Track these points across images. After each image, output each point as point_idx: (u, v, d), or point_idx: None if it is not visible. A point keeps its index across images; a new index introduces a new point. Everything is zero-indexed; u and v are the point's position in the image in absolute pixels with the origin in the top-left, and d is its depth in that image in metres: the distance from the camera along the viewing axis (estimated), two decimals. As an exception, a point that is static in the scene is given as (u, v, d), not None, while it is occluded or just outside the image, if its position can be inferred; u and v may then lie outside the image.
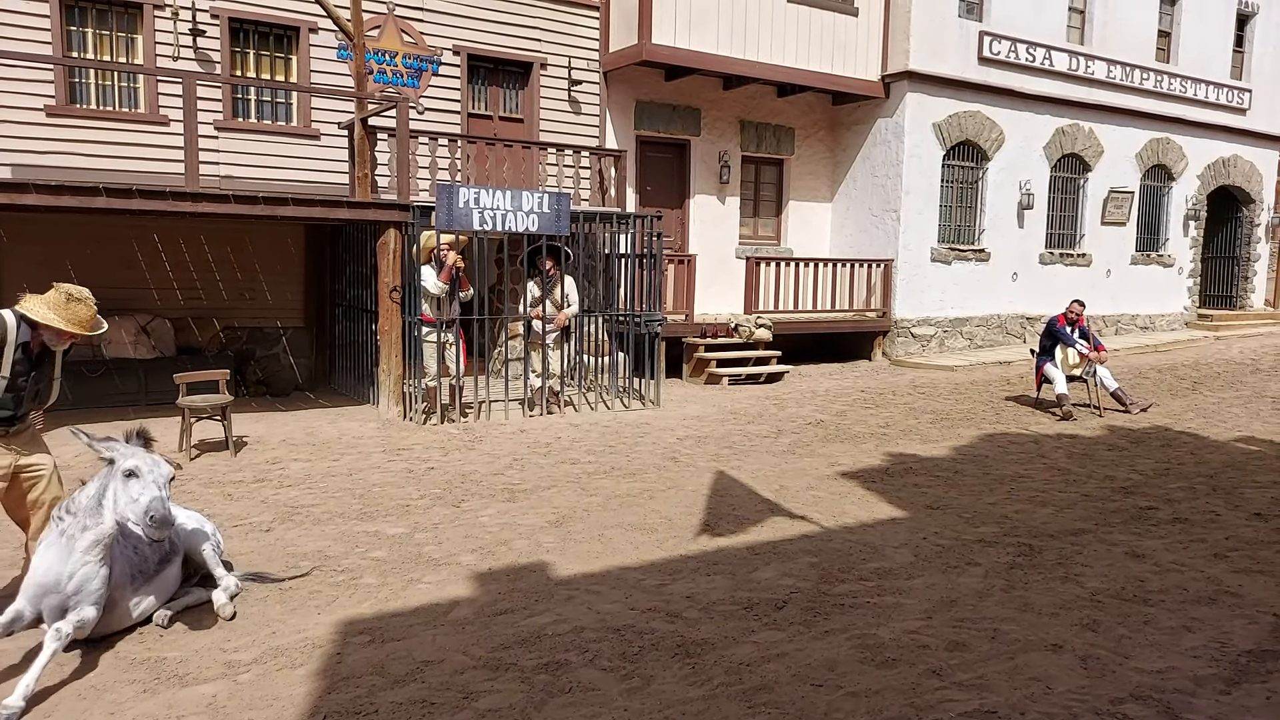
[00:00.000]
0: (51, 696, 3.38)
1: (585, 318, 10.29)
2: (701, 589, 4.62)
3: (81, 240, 9.88)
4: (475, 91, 12.22)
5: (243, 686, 3.49)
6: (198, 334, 10.62)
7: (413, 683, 3.54)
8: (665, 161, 13.73)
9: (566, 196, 9.49)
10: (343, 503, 6.13)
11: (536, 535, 5.50)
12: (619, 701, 3.41)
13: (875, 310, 14.20)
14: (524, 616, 4.24)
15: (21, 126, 9.48)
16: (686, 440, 8.41)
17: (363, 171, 9.48)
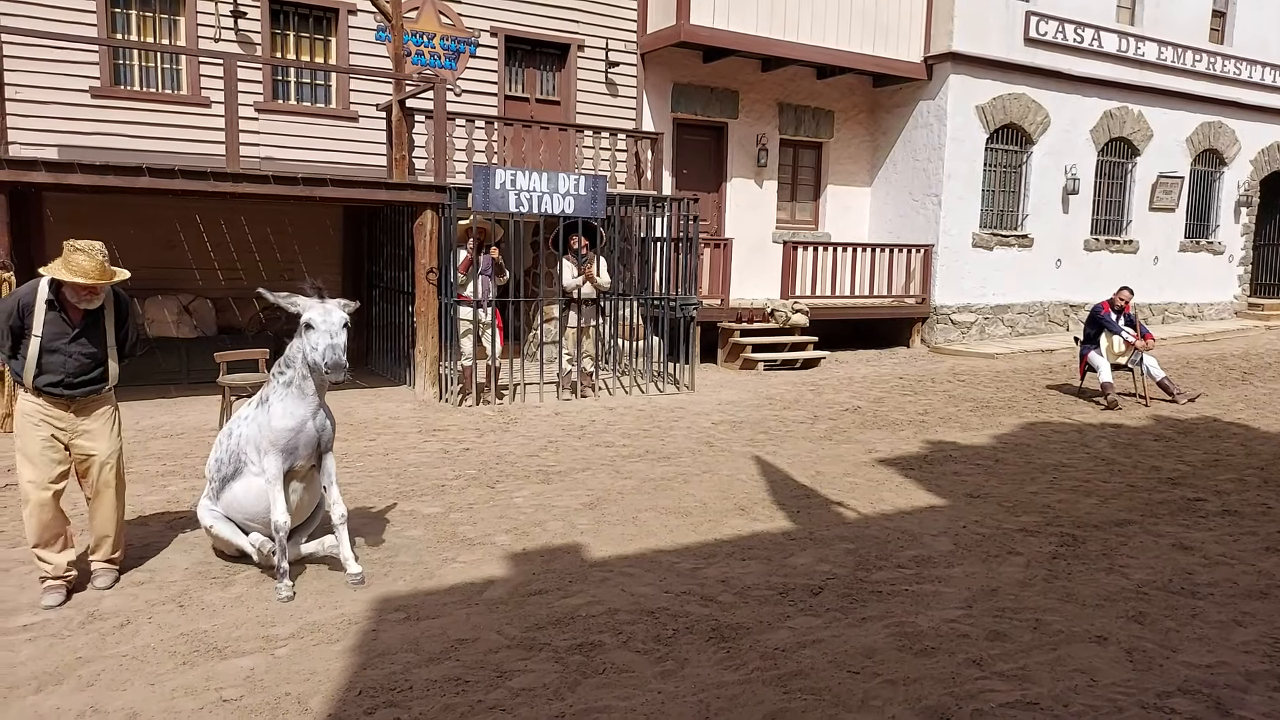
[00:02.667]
0: (93, 664, 3.43)
1: (619, 301, 10.25)
2: (736, 573, 4.58)
3: (125, 221, 10.02)
4: (512, 73, 12.18)
5: (280, 660, 3.51)
6: (238, 314, 10.75)
7: (447, 660, 3.55)
8: (702, 145, 13.61)
9: (603, 179, 9.44)
10: (379, 482, 6.17)
11: (571, 517, 5.49)
12: (653, 684, 3.38)
13: (914, 296, 14.00)
14: (558, 597, 4.23)
15: (67, 108, 9.62)
16: (721, 425, 8.35)
17: (400, 153, 9.50)
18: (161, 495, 5.70)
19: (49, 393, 4.10)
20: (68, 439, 4.18)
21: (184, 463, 6.52)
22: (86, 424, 4.23)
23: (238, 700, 3.19)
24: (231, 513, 4.43)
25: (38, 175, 7.45)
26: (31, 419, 4.12)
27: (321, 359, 4.14)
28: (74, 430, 4.19)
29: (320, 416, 4.41)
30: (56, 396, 4.12)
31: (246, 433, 4.37)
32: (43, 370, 4.08)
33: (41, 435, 4.11)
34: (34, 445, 4.10)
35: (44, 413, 4.12)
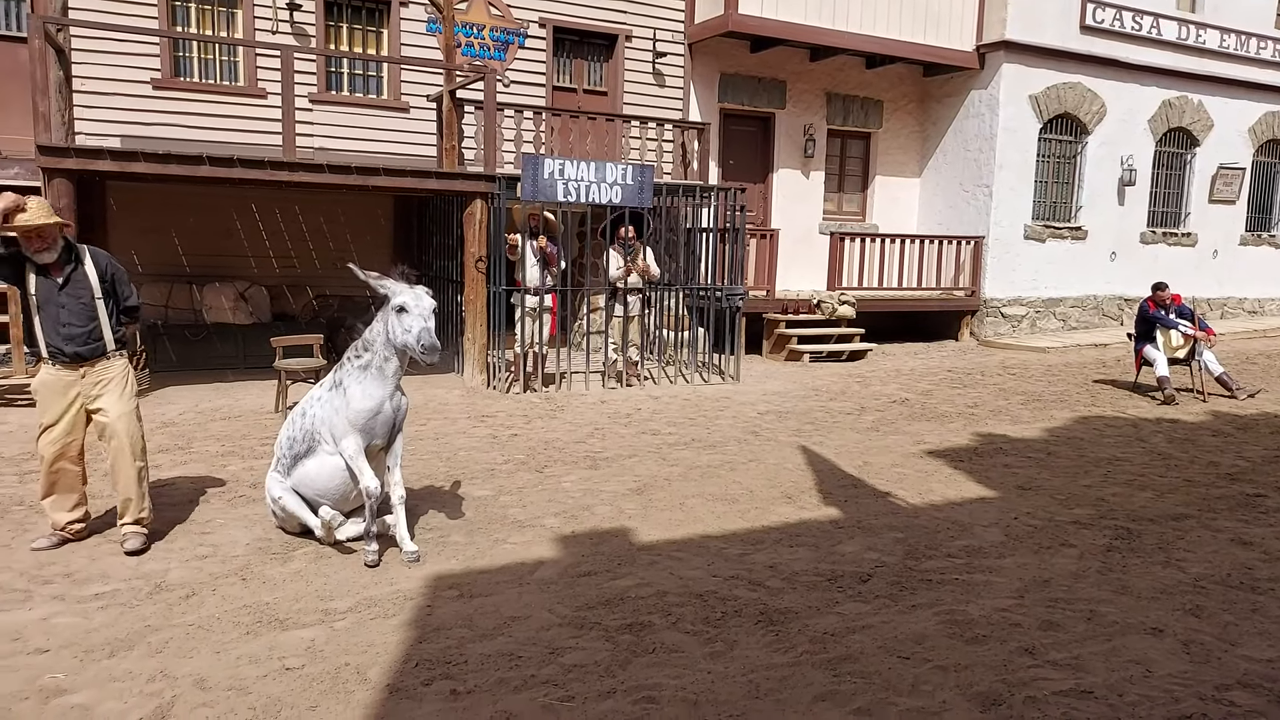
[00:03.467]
0: (161, 632, 3.55)
1: (665, 292, 10.27)
2: (784, 560, 4.59)
3: (184, 210, 10.30)
4: (560, 64, 12.25)
5: (339, 633, 3.61)
6: (292, 301, 10.98)
7: (500, 636, 3.61)
8: (749, 135, 13.56)
9: (650, 169, 9.47)
10: (431, 465, 6.28)
11: (618, 502, 5.53)
12: (703, 664, 3.41)
13: (964, 289, 13.82)
14: (607, 579, 4.28)
15: (130, 99, 9.89)
16: (767, 415, 8.34)
17: (450, 143, 9.61)
18: (221, 475, 5.86)
19: (58, 358, 4.40)
20: (83, 403, 4.45)
21: (242, 444, 6.69)
22: (97, 388, 4.48)
23: (300, 669, 3.29)
24: (301, 488, 4.55)
25: (103, 164, 7.68)
26: (49, 386, 4.44)
27: (416, 341, 4.24)
28: (87, 395, 4.46)
29: (396, 397, 4.53)
30: (66, 361, 4.41)
31: (321, 414, 4.48)
32: (46, 330, 4.39)
33: (57, 401, 4.41)
34: (51, 410, 4.42)
35: (60, 378, 4.42)
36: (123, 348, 4.62)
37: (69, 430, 4.44)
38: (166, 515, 5.01)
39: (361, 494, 4.42)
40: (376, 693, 3.14)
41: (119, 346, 4.59)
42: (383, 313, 4.45)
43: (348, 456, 4.40)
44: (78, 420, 4.47)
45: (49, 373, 4.44)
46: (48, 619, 3.66)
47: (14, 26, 9.62)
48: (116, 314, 4.60)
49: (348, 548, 4.56)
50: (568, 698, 3.14)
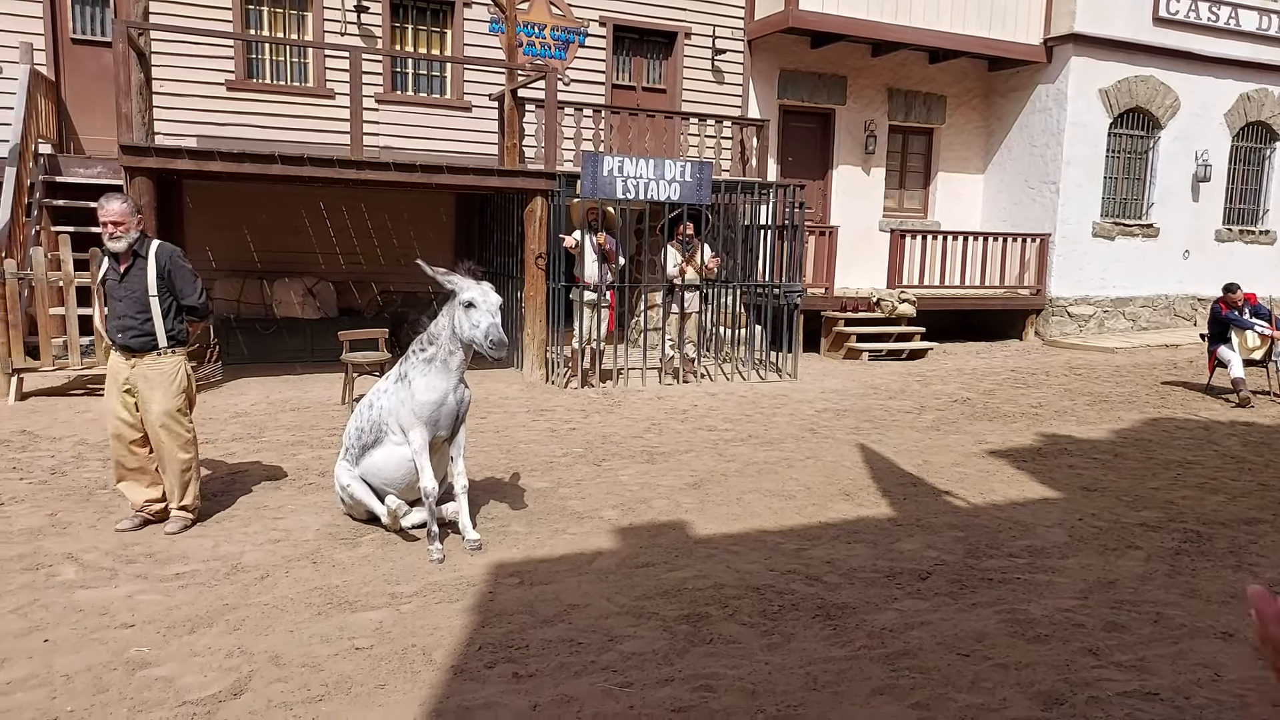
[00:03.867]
0: (238, 611, 3.70)
1: (722, 289, 10.27)
2: (841, 555, 4.58)
3: (256, 208, 10.63)
4: (619, 62, 12.33)
5: (405, 615, 3.72)
6: (357, 297, 11.26)
7: (560, 623, 3.69)
8: (808, 131, 13.48)
9: (708, 165, 9.48)
10: (491, 457, 6.40)
11: (675, 496, 5.58)
12: (760, 655, 3.44)
13: (1028, 287, 13.55)
14: (665, 570, 4.32)
15: (205, 100, 10.25)
16: (825, 413, 8.31)
17: (511, 141, 9.75)
18: (292, 463, 6.06)
19: (116, 346, 4.64)
20: (133, 392, 4.67)
21: (310, 434, 6.90)
22: (145, 383, 4.64)
23: (369, 649, 3.41)
24: (369, 477, 4.69)
25: (181, 162, 7.97)
26: (110, 372, 4.71)
27: (484, 336, 4.30)
28: (134, 386, 4.65)
29: (460, 390, 4.62)
30: (121, 349, 4.64)
31: (388, 405, 4.61)
32: (108, 317, 4.67)
33: (116, 389, 4.66)
34: (110, 398, 4.69)
35: (117, 367, 4.66)
36: (179, 345, 4.71)
37: (125, 414, 4.65)
38: (241, 500, 5.21)
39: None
40: (442, 673, 3.24)
41: (173, 344, 4.66)
42: (448, 307, 4.54)
43: (414, 450, 4.51)
44: (129, 407, 4.67)
45: (112, 359, 4.71)
46: (132, 596, 3.85)
47: (99, 32, 10.03)
48: (176, 311, 4.70)
49: (412, 535, 4.69)
50: (627, 684, 3.20)
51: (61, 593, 3.85)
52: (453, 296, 4.48)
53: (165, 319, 4.64)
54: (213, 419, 7.30)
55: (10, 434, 6.54)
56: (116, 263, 4.64)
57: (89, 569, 4.13)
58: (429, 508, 4.49)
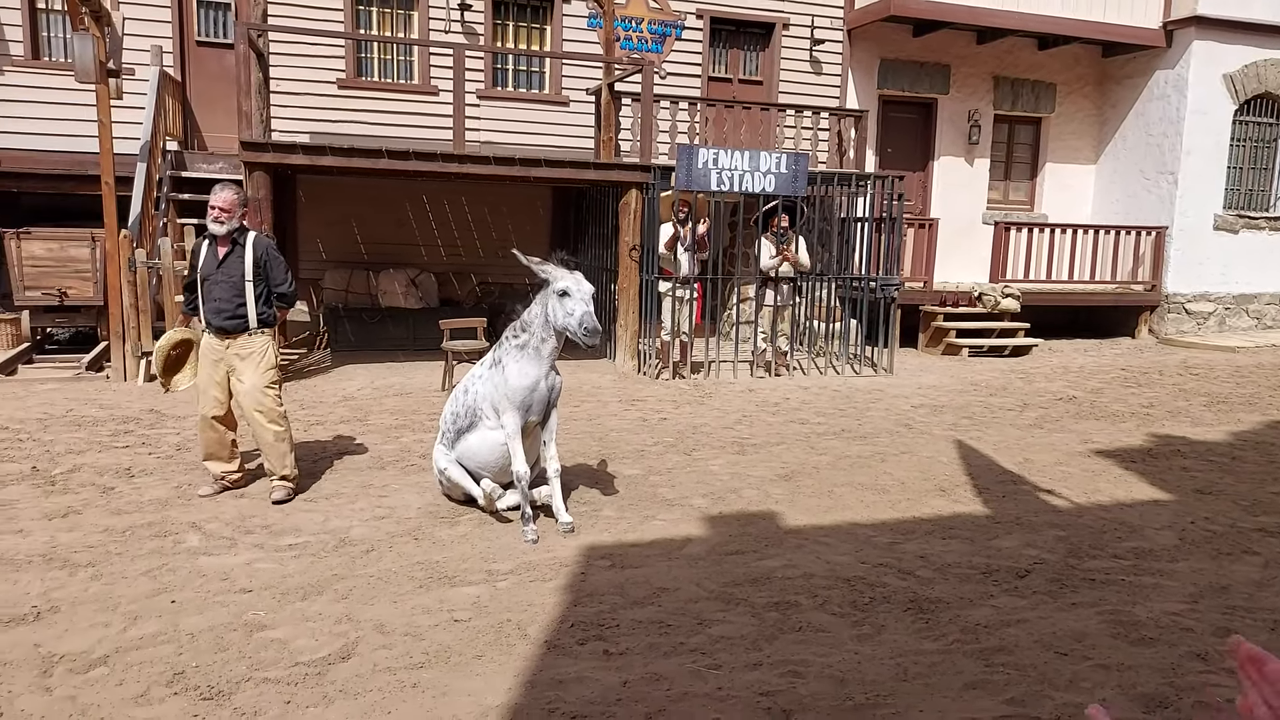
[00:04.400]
0: (346, 581, 3.90)
1: (816, 282, 10.17)
2: (936, 550, 4.51)
3: (363, 202, 11.06)
4: (716, 54, 12.32)
5: (501, 592, 3.85)
6: (457, 288, 11.59)
7: (650, 605, 3.75)
8: (909, 122, 13.19)
9: (804, 156, 9.39)
10: (584, 444, 6.52)
11: (765, 486, 5.58)
12: (850, 645, 3.43)
13: (1142, 283, 12.95)
14: (754, 558, 4.34)
15: (317, 98, 10.71)
16: (921, 408, 8.15)
17: (607, 135, 9.87)
18: (395, 445, 6.31)
19: (211, 327, 4.95)
20: (226, 370, 4.98)
21: (413, 418, 7.16)
22: (238, 360, 4.97)
23: (467, 622, 3.54)
24: (464, 460, 4.86)
25: (296, 157, 8.37)
26: (205, 352, 5.02)
27: (579, 325, 4.41)
28: (229, 364, 4.97)
29: (551, 376, 4.74)
30: (216, 331, 4.94)
31: (482, 390, 4.76)
32: (204, 300, 4.96)
33: (208, 366, 4.99)
34: (203, 375, 5.03)
35: (211, 347, 4.97)
36: (267, 327, 5.08)
37: (216, 393, 5.00)
38: (349, 479, 5.47)
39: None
40: (535, 647, 3.35)
41: (261, 326, 5.03)
42: (541, 296, 4.65)
43: (507, 435, 4.64)
44: (223, 385, 5.01)
45: (205, 340, 5.03)
46: (250, 564, 4.09)
47: (221, 34, 10.60)
48: (267, 297, 5.06)
49: (505, 517, 4.82)
50: (715, 666, 3.24)
51: (186, 558, 4.13)
52: (546, 285, 4.58)
53: (257, 303, 5.01)
54: (322, 402, 7.65)
55: (140, 412, 7.00)
56: (215, 248, 4.98)
57: (211, 537, 4.41)
58: (521, 490, 4.61)
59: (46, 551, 4.14)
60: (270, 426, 5.03)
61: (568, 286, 4.47)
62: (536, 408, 4.71)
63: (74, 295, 8.93)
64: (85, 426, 6.49)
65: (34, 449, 5.86)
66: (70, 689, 2.96)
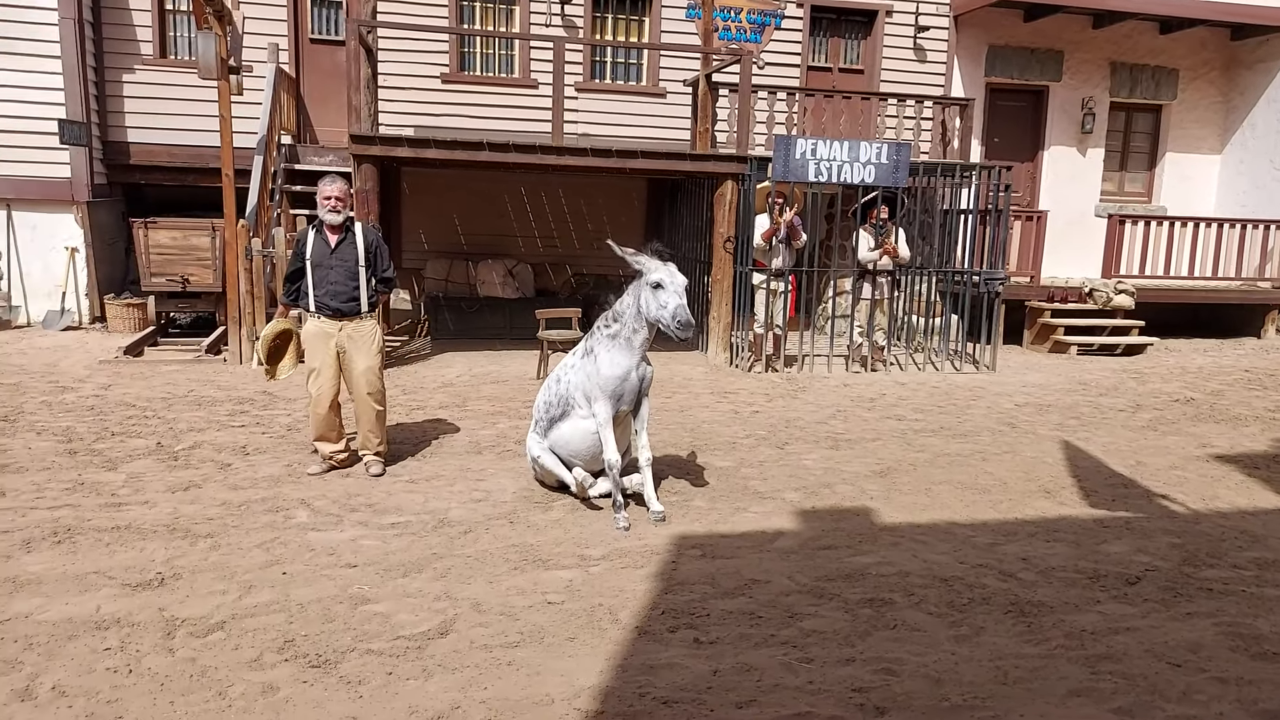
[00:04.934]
0: (444, 560, 4.02)
1: (916, 275, 9.92)
2: (1039, 553, 4.36)
3: (463, 194, 11.33)
4: (815, 43, 12.13)
5: (593, 576, 3.90)
6: (553, 278, 11.76)
7: (741, 596, 3.74)
8: (1017, 111, 12.73)
9: (906, 146, 9.16)
10: (675, 435, 6.53)
11: (860, 482, 5.49)
12: (946, 645, 3.35)
13: (1270, 280, 12.19)
14: (847, 554, 4.28)
15: (422, 92, 11.00)
16: (1025, 407, 7.87)
17: (704, 126, 9.84)
18: (492, 431, 6.46)
19: (323, 309, 5.18)
20: (338, 351, 5.20)
21: (509, 405, 7.31)
22: (350, 342, 5.21)
23: (560, 604, 3.61)
24: (556, 448, 4.93)
25: (401, 150, 8.62)
26: (316, 336, 5.21)
27: (671, 317, 4.41)
28: (341, 345, 5.21)
29: (642, 367, 4.77)
30: (330, 313, 5.18)
31: (574, 380, 4.83)
32: (315, 286, 5.17)
33: (321, 349, 5.19)
34: (316, 358, 5.21)
35: (323, 329, 5.19)
36: (374, 310, 5.34)
37: (331, 375, 5.23)
38: (449, 462, 5.62)
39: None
40: (626, 632, 3.38)
41: (371, 309, 5.30)
42: (634, 287, 4.67)
43: (599, 424, 4.69)
44: (335, 366, 5.24)
45: (314, 324, 5.25)
46: (355, 540, 4.26)
47: (333, 31, 11.00)
48: (374, 282, 5.33)
49: (597, 504, 4.88)
50: (806, 659, 3.21)
51: (297, 533, 4.32)
52: (639, 277, 4.60)
53: (367, 287, 5.27)
54: (423, 388, 7.88)
55: (254, 394, 7.35)
56: (325, 236, 5.21)
57: (319, 514, 4.61)
58: (613, 479, 4.66)
59: (170, 522, 4.39)
60: (376, 406, 5.30)
61: (661, 278, 4.49)
62: (628, 397, 4.75)
63: (195, 282, 9.44)
64: (205, 406, 6.86)
65: (159, 426, 6.23)
66: (191, 651, 3.14)
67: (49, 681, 2.90)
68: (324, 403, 5.22)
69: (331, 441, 5.32)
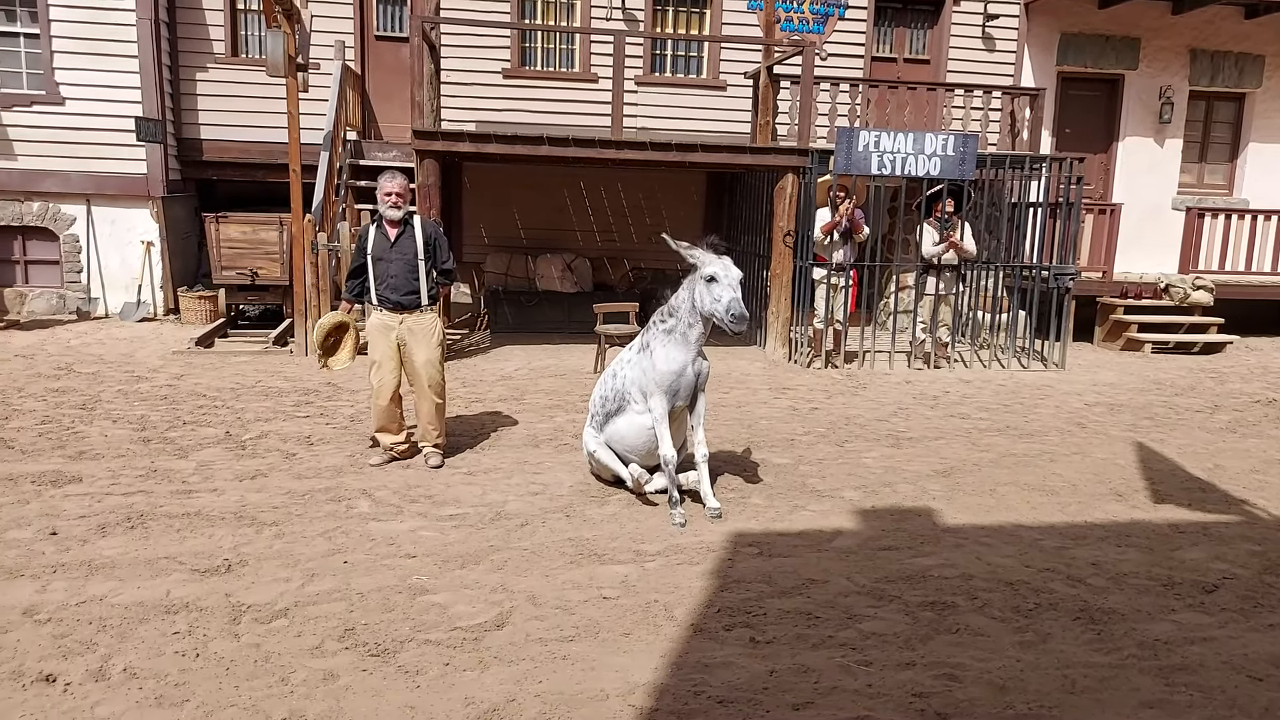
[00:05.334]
0: (501, 553, 4.04)
1: (982, 270, 9.67)
2: (1110, 558, 4.21)
3: (523, 188, 11.40)
4: (880, 34, 11.91)
5: (649, 572, 3.89)
6: (611, 273, 11.76)
7: (798, 596, 3.69)
8: (1090, 100, 12.32)
9: (974, 138, 8.94)
10: (732, 431, 6.48)
11: (922, 482, 5.38)
12: (1011, 651, 3.26)
13: (1360, 275, 11.59)
14: (908, 555, 4.19)
15: (483, 88, 11.09)
16: (1096, 407, 7.63)
17: (765, 119, 9.73)
18: (549, 424, 6.49)
19: (384, 302, 5.27)
20: (399, 343, 5.28)
21: (566, 399, 7.34)
22: (411, 335, 5.30)
23: (615, 599, 3.60)
24: (612, 443, 4.93)
25: (462, 145, 8.71)
26: (377, 329, 5.31)
27: (726, 311, 4.37)
28: (402, 338, 5.29)
29: (698, 362, 4.73)
30: (390, 306, 5.27)
31: (630, 375, 4.81)
32: (376, 279, 5.27)
33: (383, 342, 5.28)
34: (378, 350, 5.31)
35: (385, 321, 5.29)
36: (435, 303, 5.44)
37: (392, 367, 5.32)
38: (506, 455, 5.67)
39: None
40: (682, 630, 3.36)
41: (431, 302, 5.39)
42: (689, 281, 4.63)
43: (654, 419, 4.66)
44: (396, 359, 5.33)
45: (377, 317, 5.35)
46: (414, 531, 4.31)
47: (397, 28, 11.15)
48: (434, 275, 5.42)
49: (653, 500, 4.86)
50: (865, 662, 3.15)
51: (358, 523, 4.40)
52: (694, 270, 4.56)
53: (427, 279, 5.35)
54: (482, 380, 7.96)
55: (319, 385, 7.51)
56: (385, 230, 5.30)
57: (380, 504, 4.68)
58: (668, 474, 4.63)
59: (237, 510, 4.51)
60: (435, 399, 5.39)
61: (715, 272, 4.44)
62: (683, 393, 4.71)
63: (263, 275, 9.67)
64: (271, 397, 7.03)
65: (228, 415, 6.40)
66: (255, 637, 3.21)
67: (121, 663, 2.99)
68: (385, 395, 5.30)
69: (392, 433, 5.41)
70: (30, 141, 10.21)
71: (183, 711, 2.74)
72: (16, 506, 4.44)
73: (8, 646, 3.07)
